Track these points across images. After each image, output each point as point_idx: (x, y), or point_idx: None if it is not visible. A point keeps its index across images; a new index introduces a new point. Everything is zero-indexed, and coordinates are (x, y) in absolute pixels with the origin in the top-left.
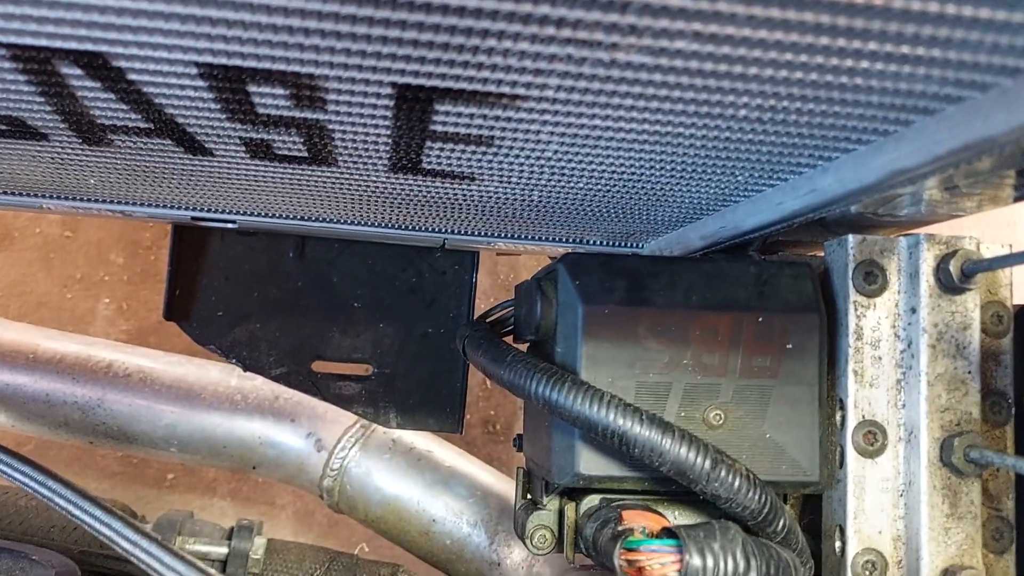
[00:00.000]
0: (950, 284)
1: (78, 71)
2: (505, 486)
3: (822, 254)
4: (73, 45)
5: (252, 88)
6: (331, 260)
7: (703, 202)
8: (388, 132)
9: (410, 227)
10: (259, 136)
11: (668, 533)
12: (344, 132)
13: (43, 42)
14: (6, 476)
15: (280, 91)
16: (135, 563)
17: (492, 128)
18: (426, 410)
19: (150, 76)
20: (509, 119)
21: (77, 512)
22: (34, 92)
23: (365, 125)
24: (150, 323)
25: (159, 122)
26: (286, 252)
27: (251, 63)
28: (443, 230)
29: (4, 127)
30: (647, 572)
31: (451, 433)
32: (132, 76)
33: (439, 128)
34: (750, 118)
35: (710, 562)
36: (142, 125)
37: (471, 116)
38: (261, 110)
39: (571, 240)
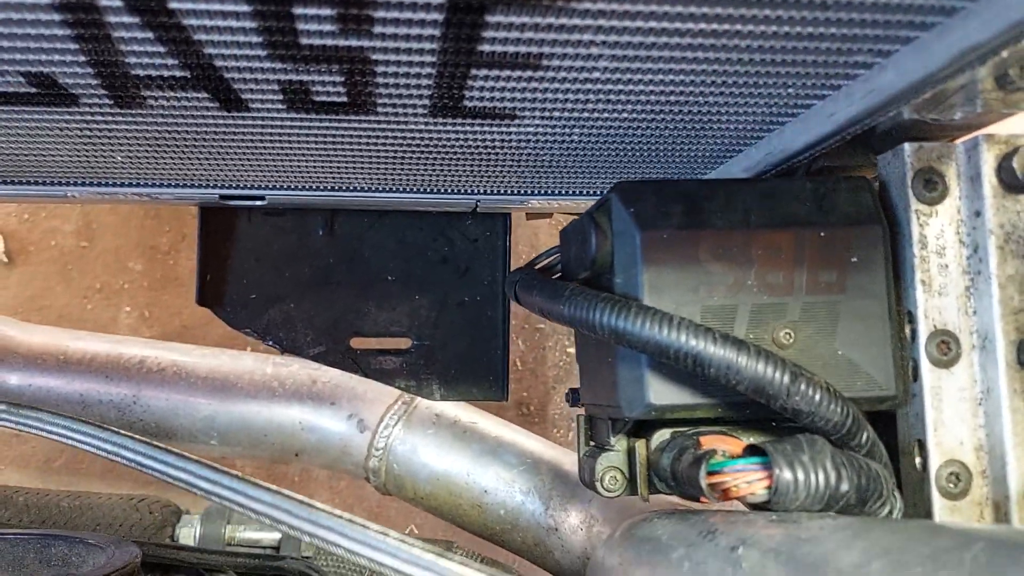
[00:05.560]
0: (1014, 183)
1: (118, 2)
2: (554, 452)
3: (870, 176)
4: None
5: (298, 9)
6: (361, 235)
7: (750, 125)
8: (433, 59)
9: (442, 190)
10: (299, 78)
11: (752, 451)
12: (388, 63)
13: None
14: (63, 439)
15: (327, 11)
16: (216, 502)
17: (542, 43)
18: (469, 380)
19: (192, 2)
20: (561, 28)
21: (147, 461)
22: (69, 38)
23: (410, 52)
24: (174, 328)
25: (196, 68)
26: (315, 229)
27: None
28: (476, 190)
29: (34, 90)
30: (734, 492)
31: (496, 401)
32: (173, 4)
33: (487, 48)
34: (814, 3)
35: (801, 475)
36: (178, 74)
37: (522, 28)
38: (304, 40)
39: (607, 191)
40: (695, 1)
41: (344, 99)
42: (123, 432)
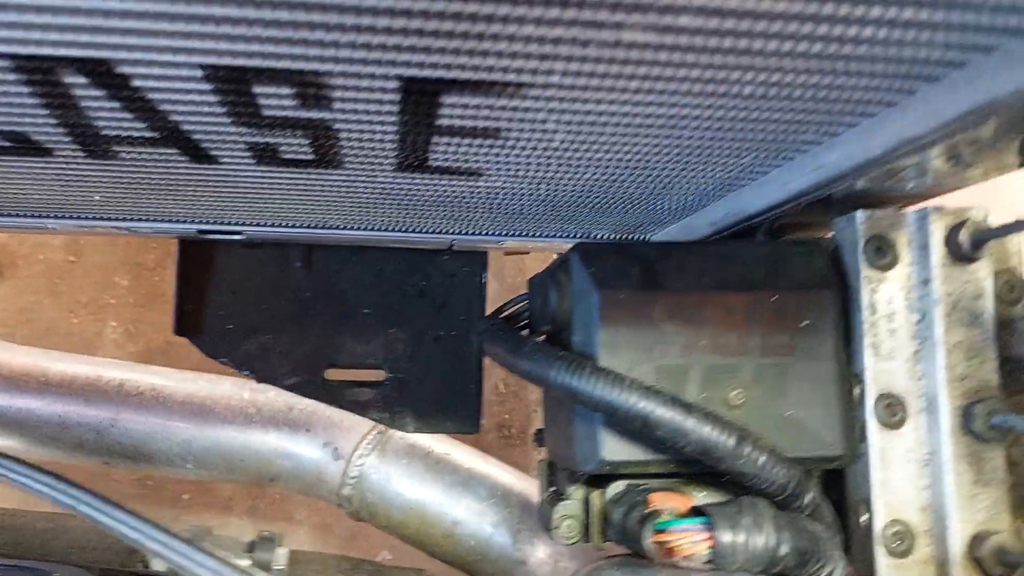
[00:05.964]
0: (961, 254)
1: (82, 79)
2: (525, 485)
3: (830, 235)
4: (76, 52)
5: (257, 89)
6: (338, 268)
7: (709, 188)
8: (395, 129)
9: (417, 229)
10: (265, 140)
11: (697, 512)
12: (350, 131)
13: (47, 51)
14: (27, 488)
15: (286, 90)
16: (168, 563)
17: (499, 119)
18: (443, 413)
19: (155, 82)
20: (516, 108)
21: (103, 518)
22: (38, 105)
23: (372, 123)
24: (158, 344)
25: (164, 130)
26: (293, 262)
27: (256, 62)
28: (450, 231)
29: (7, 143)
30: (678, 552)
31: (469, 434)
32: (137, 83)
33: (445, 122)
34: (756, 95)
35: (741, 538)
36: (147, 135)
37: (477, 107)
38: (267, 112)
39: (579, 235)
40: (643, 90)
41: (312, 157)
42: (83, 486)
